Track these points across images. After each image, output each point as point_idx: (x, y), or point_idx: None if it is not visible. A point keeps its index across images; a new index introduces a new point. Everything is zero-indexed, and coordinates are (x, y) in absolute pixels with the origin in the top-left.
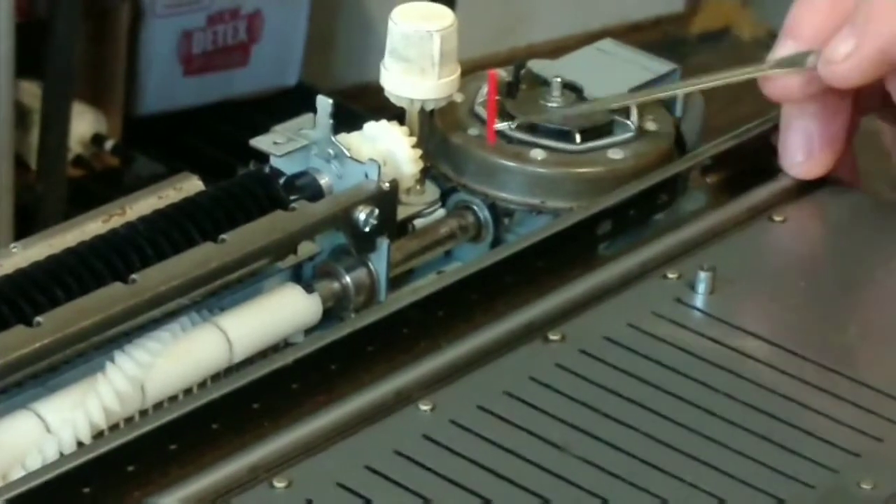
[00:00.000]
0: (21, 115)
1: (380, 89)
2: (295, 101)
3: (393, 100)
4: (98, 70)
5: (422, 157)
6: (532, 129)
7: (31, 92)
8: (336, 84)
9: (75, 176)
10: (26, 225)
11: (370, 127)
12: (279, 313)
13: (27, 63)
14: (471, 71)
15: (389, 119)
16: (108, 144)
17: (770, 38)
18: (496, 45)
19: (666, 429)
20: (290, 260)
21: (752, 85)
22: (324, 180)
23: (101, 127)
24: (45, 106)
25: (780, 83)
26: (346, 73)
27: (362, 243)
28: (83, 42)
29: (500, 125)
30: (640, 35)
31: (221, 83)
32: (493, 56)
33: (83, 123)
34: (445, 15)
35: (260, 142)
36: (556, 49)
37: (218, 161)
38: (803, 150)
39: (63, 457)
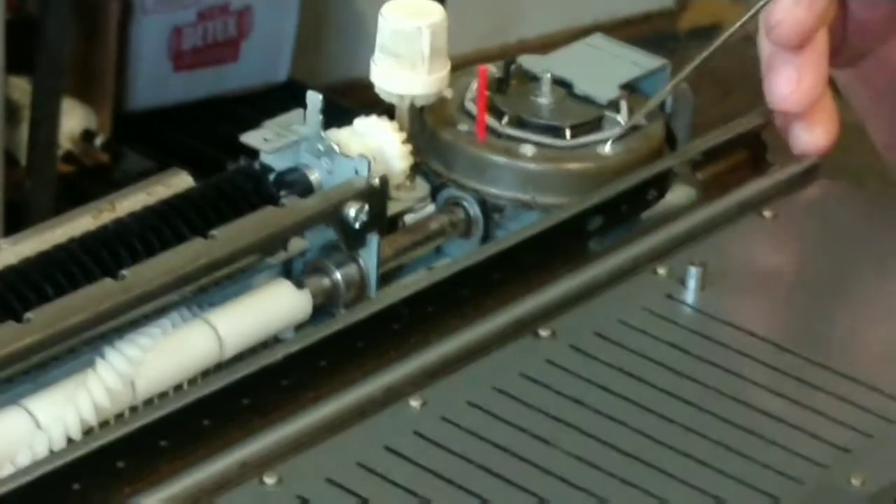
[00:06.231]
0: (11, 111)
1: (370, 85)
2: (285, 97)
3: (383, 95)
4: (88, 66)
5: (412, 152)
6: (522, 124)
7: (21, 88)
8: (326, 80)
9: (65, 172)
10: (16, 221)
11: (360, 122)
12: (269, 309)
13: (17, 59)
14: (461, 67)
15: (379, 115)
16: (98, 140)
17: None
18: (487, 41)
19: (656, 425)
20: (280, 256)
21: (742, 78)
22: (314, 176)
23: (90, 123)
24: (34, 102)
25: (790, 22)
26: (336, 68)
27: (352, 239)
28: (73, 38)
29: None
30: (629, 30)
31: (211, 79)
32: (483, 52)
33: (73, 119)
34: (435, 10)
35: (250, 137)
36: (547, 44)
37: (208, 157)
38: (790, 81)
39: (53, 453)
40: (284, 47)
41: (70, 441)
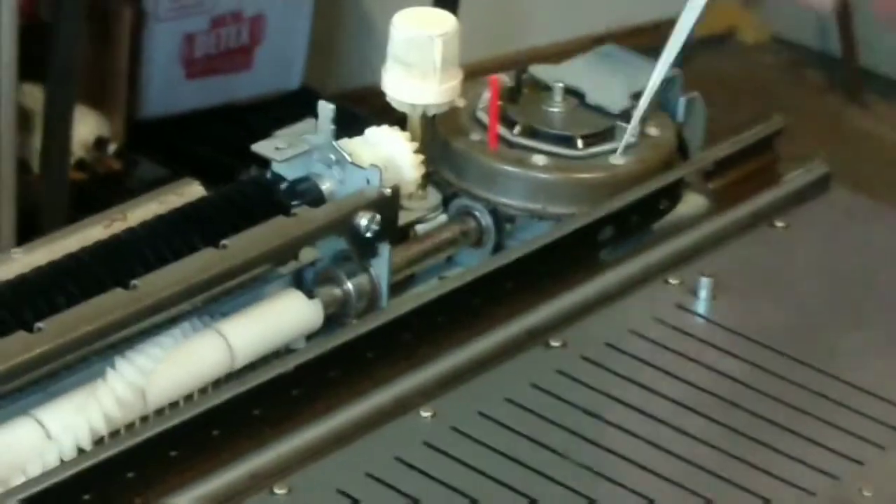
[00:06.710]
0: (24, 118)
1: (383, 93)
2: (298, 105)
3: (395, 105)
4: (100, 73)
5: (423, 162)
6: (533, 134)
7: (34, 95)
8: (339, 87)
9: (78, 179)
10: (29, 228)
11: (372, 132)
12: (280, 319)
13: (30, 66)
14: (473, 75)
15: (392, 123)
16: (111, 148)
17: (773, 42)
18: (498, 49)
19: (667, 435)
20: (292, 265)
21: (752, 86)
22: (325, 186)
23: (103, 130)
24: (47, 109)
25: None
26: (349, 76)
27: (364, 249)
28: (86, 45)
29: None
30: (641, 38)
31: (224, 86)
32: (495, 59)
33: (86, 127)
34: (447, 20)
35: (261, 147)
36: (558, 52)
37: (221, 164)
38: None
39: (63, 463)
40: (297, 55)
41: (80, 451)
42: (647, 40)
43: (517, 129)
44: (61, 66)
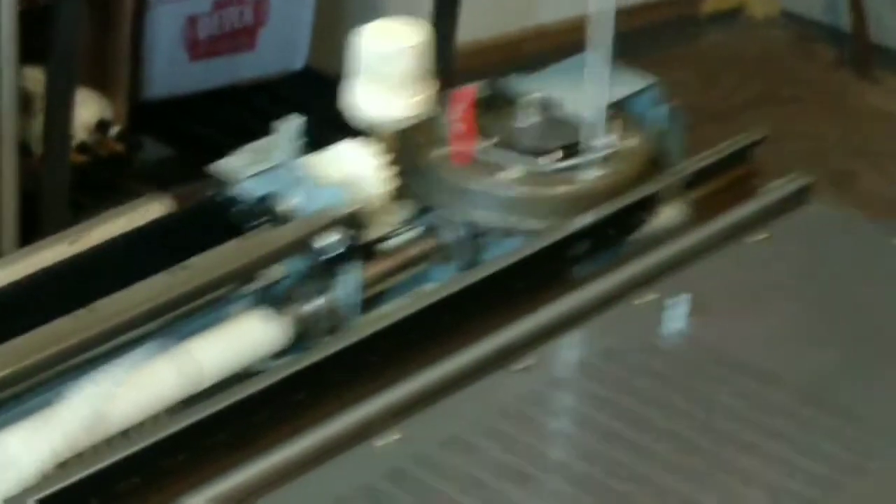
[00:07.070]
0: (25, 101)
1: None
2: (302, 85)
3: (364, 118)
4: (102, 55)
5: (393, 176)
6: (506, 146)
7: (35, 78)
8: (343, 67)
9: (79, 162)
10: (30, 211)
11: (339, 147)
12: (245, 339)
13: (31, 49)
14: (480, 52)
15: (365, 134)
16: (113, 130)
17: (782, 17)
18: (506, 27)
19: (640, 461)
20: (257, 284)
21: (762, 63)
22: (291, 203)
23: (105, 113)
24: (48, 92)
25: None
26: None
27: (331, 267)
28: (87, 27)
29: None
30: (652, 14)
31: (228, 68)
32: (503, 37)
33: (88, 109)
34: (417, 31)
35: (226, 164)
36: (565, 29)
37: (224, 145)
38: None
39: (22, 491)
40: (301, 35)
41: (42, 475)
42: (657, 15)
43: (490, 142)
44: (62, 49)
